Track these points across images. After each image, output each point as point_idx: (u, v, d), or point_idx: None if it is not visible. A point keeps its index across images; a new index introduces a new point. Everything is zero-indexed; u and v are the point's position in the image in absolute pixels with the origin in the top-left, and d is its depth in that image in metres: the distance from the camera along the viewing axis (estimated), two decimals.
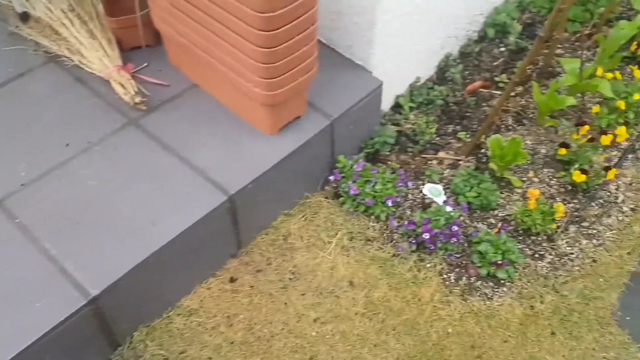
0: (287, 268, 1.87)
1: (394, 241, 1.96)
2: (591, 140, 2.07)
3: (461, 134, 2.25)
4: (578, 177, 1.99)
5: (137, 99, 1.82)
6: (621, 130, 2.12)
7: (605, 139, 2.04)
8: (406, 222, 1.95)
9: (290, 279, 1.85)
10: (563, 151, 2.07)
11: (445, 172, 2.16)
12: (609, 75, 2.30)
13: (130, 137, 1.82)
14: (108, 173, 1.73)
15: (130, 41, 1.99)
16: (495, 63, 2.49)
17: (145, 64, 1.99)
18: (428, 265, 1.91)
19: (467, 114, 2.34)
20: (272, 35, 1.51)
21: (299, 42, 1.59)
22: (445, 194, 2.08)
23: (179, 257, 1.66)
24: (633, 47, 2.45)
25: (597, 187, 2.08)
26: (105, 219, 1.64)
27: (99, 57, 1.88)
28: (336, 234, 1.95)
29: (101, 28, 1.92)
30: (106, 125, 1.84)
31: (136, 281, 1.58)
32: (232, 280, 1.82)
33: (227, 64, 1.69)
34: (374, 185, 1.98)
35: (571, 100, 2.11)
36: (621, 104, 2.15)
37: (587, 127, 2.07)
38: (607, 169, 2.01)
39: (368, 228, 1.98)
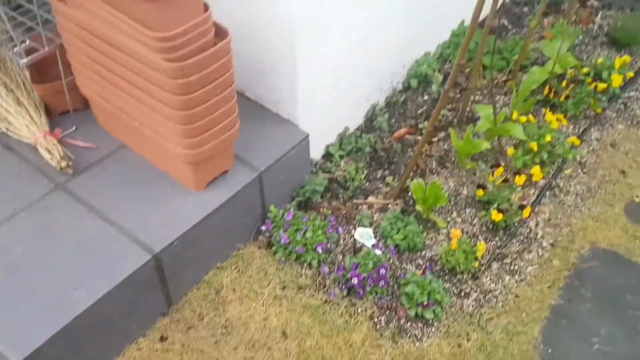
0: (220, 322, 1.84)
1: (326, 287, 1.96)
2: (505, 181, 2.13)
3: (389, 179, 2.29)
4: (496, 216, 2.05)
5: (63, 164, 1.80)
6: (536, 170, 2.20)
7: (519, 179, 2.11)
8: (336, 268, 1.96)
9: (222, 333, 1.81)
10: (480, 192, 2.13)
11: (375, 216, 2.19)
12: (523, 118, 2.40)
13: (57, 201, 1.78)
14: (33, 239, 1.69)
15: (58, 106, 1.98)
16: (419, 111, 2.57)
17: (74, 128, 1.98)
18: (359, 309, 1.90)
19: (395, 160, 2.39)
20: (188, 99, 1.53)
21: (217, 103, 1.62)
22: (375, 237, 2.10)
23: (106, 319, 1.61)
24: (546, 91, 2.57)
25: (516, 224, 2.13)
26: (28, 286, 1.59)
27: (26, 124, 1.86)
28: (269, 284, 1.93)
29: (28, 95, 1.91)
30: (33, 191, 1.81)
31: (60, 347, 1.52)
32: (162, 339, 1.78)
33: (149, 126, 1.70)
34: (304, 233, 1.98)
35: (486, 145, 2.18)
36: (534, 146, 2.24)
37: (501, 169, 2.14)
38: (522, 207, 2.07)
39: (300, 276, 1.98)
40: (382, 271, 1.91)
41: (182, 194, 1.82)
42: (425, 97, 2.63)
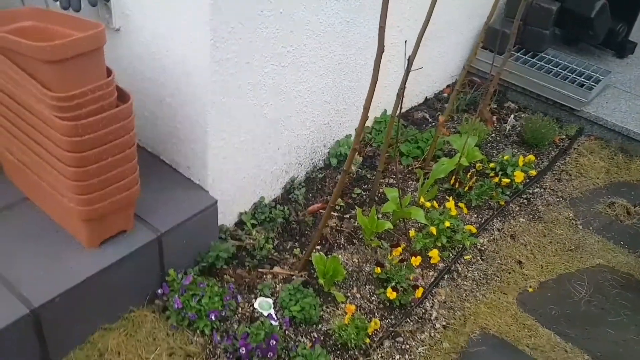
0: None
1: (216, 357, 1.89)
2: (402, 260, 2.16)
3: (297, 251, 2.30)
4: (390, 294, 2.06)
5: None
6: (434, 253, 2.24)
7: (415, 260, 2.14)
8: (227, 337, 1.90)
9: None
10: (378, 270, 2.14)
11: (278, 286, 2.16)
12: (428, 204, 2.48)
13: None
14: None
15: None
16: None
17: None
18: None
19: (306, 232, 2.40)
20: (81, 157, 1.53)
21: (114, 163, 1.62)
22: (275, 308, 2.07)
23: None
24: (452, 180, 2.68)
25: (412, 304, 2.14)
26: None
27: None
28: (156, 350, 1.85)
29: None
30: None
31: None
32: None
33: (46, 180, 1.68)
34: (199, 299, 1.94)
35: (388, 225, 2.23)
36: (433, 230, 2.30)
37: (399, 249, 2.17)
38: (415, 287, 2.09)
39: (191, 343, 1.90)
40: (273, 342, 1.86)
41: (74, 250, 1.77)
42: None
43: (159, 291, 1.97)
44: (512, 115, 3.35)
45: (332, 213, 2.49)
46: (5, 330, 1.54)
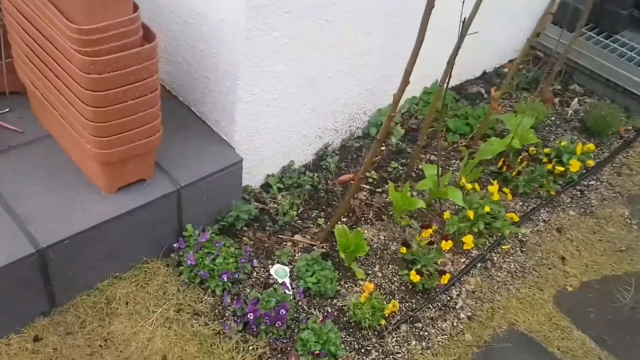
0: (101, 334, 1.72)
1: (224, 318, 1.85)
2: (431, 243, 2.04)
3: (320, 221, 2.21)
4: (414, 276, 1.95)
5: None
6: (467, 239, 2.11)
7: (445, 245, 2.02)
8: (237, 300, 1.85)
9: (100, 346, 1.70)
10: (404, 250, 2.03)
11: (297, 255, 2.09)
12: (469, 185, 2.33)
13: None
14: None
15: None
16: (368, 157, 2.50)
17: (7, 110, 1.93)
18: (250, 347, 1.78)
19: (334, 203, 2.31)
20: (101, 96, 1.47)
21: (134, 106, 1.56)
22: (290, 277, 2.00)
23: None
24: (500, 163, 2.50)
25: (436, 289, 2.03)
26: None
27: None
28: (164, 304, 1.83)
29: None
30: None
31: None
32: (36, 339, 1.66)
33: (66, 118, 1.64)
34: (214, 258, 1.89)
35: (421, 203, 2.10)
36: (470, 214, 2.15)
37: (429, 231, 2.05)
38: (441, 272, 1.97)
39: (200, 301, 1.87)
40: (282, 312, 1.80)
41: (91, 194, 1.74)
42: (382, 148, 2.56)
43: (175, 245, 1.94)
44: (576, 99, 3.10)
45: (364, 186, 2.38)
46: (9, 267, 1.54)
